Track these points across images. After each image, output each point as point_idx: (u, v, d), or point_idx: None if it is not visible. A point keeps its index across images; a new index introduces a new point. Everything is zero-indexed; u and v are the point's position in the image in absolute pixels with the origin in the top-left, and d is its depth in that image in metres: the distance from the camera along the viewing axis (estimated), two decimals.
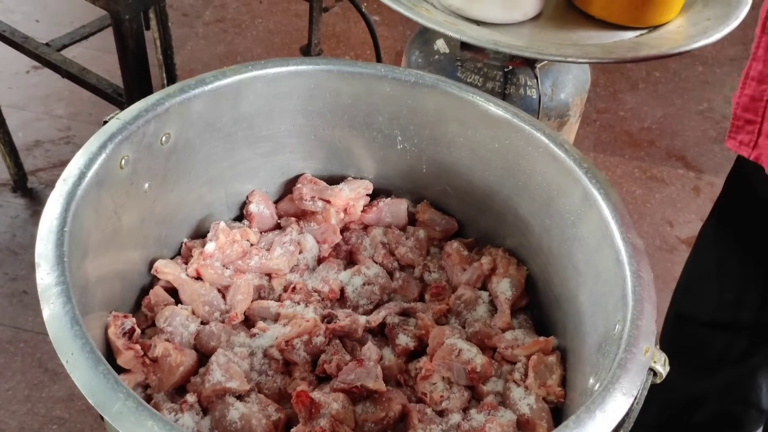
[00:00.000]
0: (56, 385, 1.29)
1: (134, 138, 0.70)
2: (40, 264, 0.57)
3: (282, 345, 0.76)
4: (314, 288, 0.83)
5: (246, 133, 0.83)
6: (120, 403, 0.49)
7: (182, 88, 0.75)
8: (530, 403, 0.73)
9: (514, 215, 0.84)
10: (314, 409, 0.71)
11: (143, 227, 0.77)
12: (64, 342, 0.52)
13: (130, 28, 0.96)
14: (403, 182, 0.92)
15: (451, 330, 0.79)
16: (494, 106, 0.80)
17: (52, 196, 0.62)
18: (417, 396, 0.75)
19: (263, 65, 0.79)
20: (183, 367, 0.73)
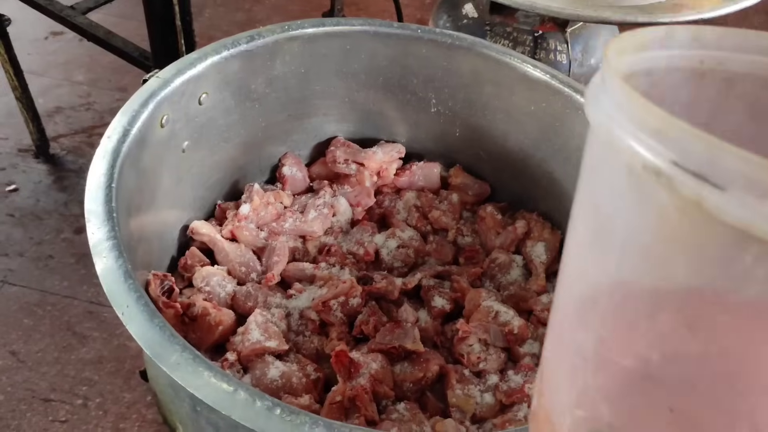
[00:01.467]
0: (85, 348, 1.31)
1: (174, 96, 0.70)
2: (90, 219, 0.57)
3: (319, 306, 0.76)
4: (349, 250, 0.84)
5: (280, 95, 0.83)
6: (177, 354, 0.50)
7: (218, 48, 0.75)
8: None
9: (548, 179, 0.84)
10: (353, 368, 0.72)
11: (179, 187, 0.78)
12: (119, 295, 0.53)
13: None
14: (436, 146, 0.92)
15: (487, 293, 0.79)
16: (532, 67, 0.79)
17: (98, 153, 0.62)
18: (454, 357, 0.76)
19: (299, 25, 0.78)
20: (222, 326, 0.73)
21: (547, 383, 0.34)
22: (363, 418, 0.67)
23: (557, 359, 0.33)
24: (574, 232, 0.32)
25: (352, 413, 0.68)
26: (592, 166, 0.30)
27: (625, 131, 0.25)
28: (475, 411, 0.71)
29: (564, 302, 0.33)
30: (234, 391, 0.49)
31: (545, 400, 0.34)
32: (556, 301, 0.34)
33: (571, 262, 0.32)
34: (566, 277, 0.33)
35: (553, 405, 0.33)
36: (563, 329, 0.32)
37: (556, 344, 0.33)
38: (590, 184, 0.30)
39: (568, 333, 0.31)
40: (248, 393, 0.50)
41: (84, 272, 1.41)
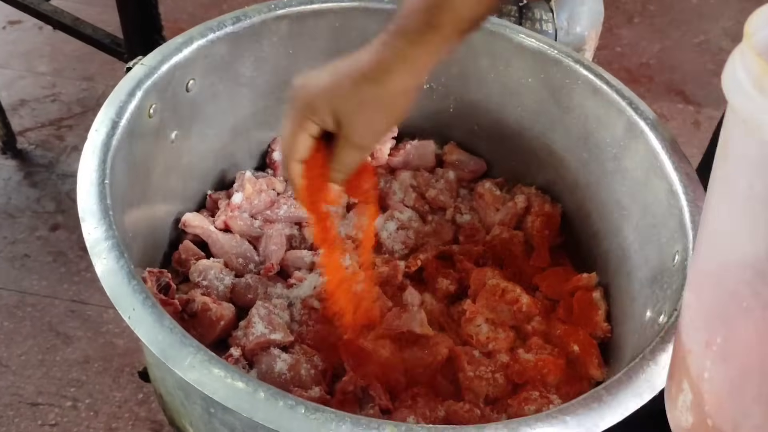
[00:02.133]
0: (69, 348, 1.27)
1: (161, 84, 0.66)
2: (85, 218, 0.54)
3: (322, 294, 0.74)
4: (348, 235, 0.81)
5: (268, 78, 0.80)
6: (191, 357, 0.47)
7: (204, 30, 0.71)
8: (578, 339, 0.72)
9: (547, 152, 0.82)
10: (362, 356, 0.70)
11: (170, 179, 0.74)
12: (124, 298, 0.50)
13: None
14: (429, 123, 0.89)
15: (492, 271, 0.78)
16: (528, 38, 0.77)
17: (87, 148, 0.58)
18: (462, 339, 0.74)
19: (286, 4, 0.75)
20: (224, 320, 0.71)
21: (716, 409, 0.34)
22: (378, 408, 0.65)
23: (733, 390, 0.34)
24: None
25: (365, 403, 0.66)
26: (739, 154, 0.31)
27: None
28: (488, 392, 0.70)
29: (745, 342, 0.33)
30: (254, 392, 0.47)
31: (715, 423, 0.34)
32: (717, 330, 0.34)
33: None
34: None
35: (735, 428, 0.33)
36: (749, 362, 0.33)
37: (735, 374, 0.34)
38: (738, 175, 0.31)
39: (757, 362, 0.32)
40: (269, 392, 0.47)
41: (63, 270, 1.37)
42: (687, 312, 0.39)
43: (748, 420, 0.33)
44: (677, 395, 0.39)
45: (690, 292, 0.39)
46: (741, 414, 0.34)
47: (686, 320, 0.39)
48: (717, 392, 0.35)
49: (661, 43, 1.98)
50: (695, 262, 0.39)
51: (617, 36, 1.99)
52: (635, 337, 0.66)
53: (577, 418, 0.48)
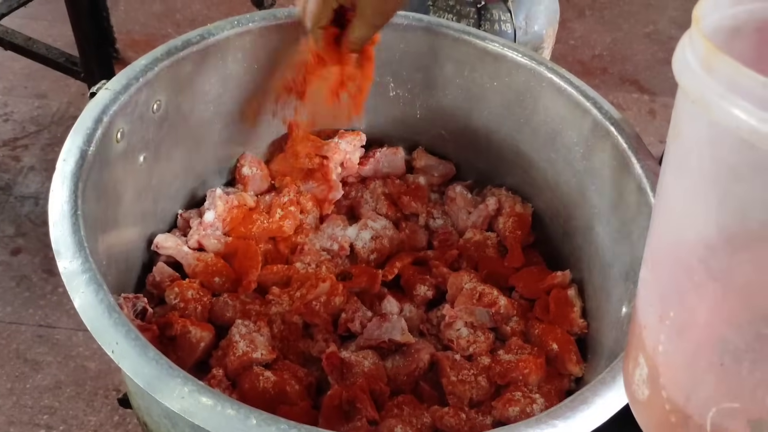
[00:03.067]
0: (39, 375, 1.24)
1: (127, 108, 0.65)
2: (60, 252, 0.53)
3: (301, 308, 0.74)
4: (322, 247, 0.81)
5: (234, 94, 0.79)
6: (179, 387, 0.47)
7: (169, 50, 0.70)
8: (556, 337, 0.74)
9: (515, 153, 0.84)
10: (345, 369, 0.70)
11: (140, 202, 0.73)
12: (106, 332, 0.49)
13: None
14: (396, 130, 0.90)
15: (468, 274, 0.79)
16: (491, 42, 0.78)
17: (56, 179, 0.57)
18: (443, 344, 0.75)
19: (249, 19, 0.74)
20: (204, 342, 0.70)
21: (670, 380, 0.35)
22: (365, 420, 0.65)
23: (686, 360, 0.34)
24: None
25: (351, 415, 0.66)
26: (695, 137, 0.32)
27: (729, 102, 0.28)
28: (472, 395, 0.70)
29: (697, 316, 0.34)
30: (245, 419, 0.47)
31: (668, 394, 0.34)
32: (670, 302, 0.35)
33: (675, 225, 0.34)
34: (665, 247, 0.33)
35: (688, 400, 0.33)
36: (691, 332, 0.34)
37: (681, 346, 0.34)
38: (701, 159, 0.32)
39: (706, 337, 0.33)
40: (261, 418, 0.47)
41: (27, 294, 1.33)
42: (642, 288, 0.40)
43: (700, 390, 0.34)
44: (634, 370, 0.40)
45: (645, 268, 0.40)
46: (693, 384, 0.35)
47: (641, 296, 0.40)
48: (671, 364, 0.36)
49: (612, 35, 2.02)
50: (651, 239, 0.40)
51: (570, 30, 2.02)
52: (613, 333, 0.68)
53: (566, 422, 0.49)
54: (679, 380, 0.35)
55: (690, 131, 0.33)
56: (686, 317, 0.35)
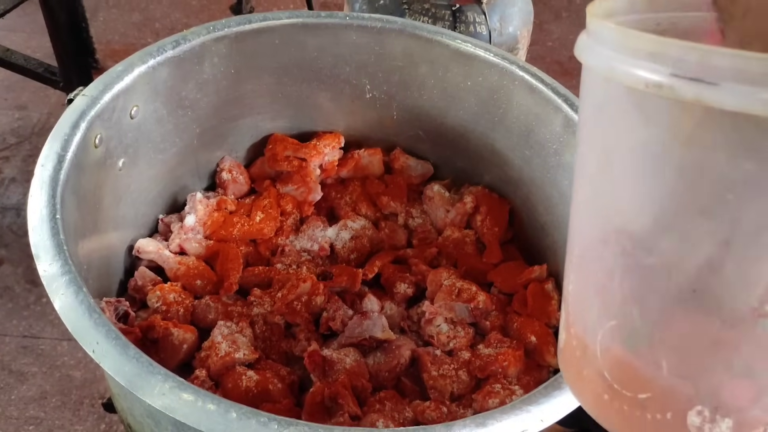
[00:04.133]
0: (24, 386, 1.24)
1: (105, 114, 0.66)
2: (39, 255, 0.53)
3: (283, 309, 0.75)
4: (303, 248, 0.82)
5: (212, 99, 0.80)
6: (160, 384, 0.48)
7: (144, 57, 0.71)
8: (534, 330, 0.75)
9: (490, 151, 0.85)
10: (327, 366, 0.71)
11: (120, 207, 0.74)
12: (86, 332, 0.50)
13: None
14: (374, 131, 0.91)
15: (446, 271, 0.80)
16: (463, 43, 0.80)
17: (34, 184, 0.58)
18: (424, 339, 0.76)
19: (224, 25, 0.75)
20: (187, 343, 0.71)
21: (574, 314, 0.37)
22: (347, 415, 0.66)
23: (582, 289, 0.36)
24: (585, 170, 0.37)
25: (334, 411, 0.67)
26: (597, 105, 0.35)
27: (626, 63, 0.30)
28: (452, 389, 0.72)
29: (584, 236, 0.37)
30: (225, 413, 0.48)
31: (574, 329, 0.36)
32: (575, 240, 0.38)
33: (586, 200, 0.36)
34: (583, 214, 0.37)
35: (585, 329, 0.35)
36: (585, 260, 0.36)
37: (579, 275, 0.37)
38: (597, 123, 0.35)
39: (591, 260, 0.35)
40: (241, 412, 0.48)
41: (11, 306, 1.33)
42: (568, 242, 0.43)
43: (590, 315, 0.36)
44: (560, 321, 0.42)
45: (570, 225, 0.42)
46: (586, 311, 0.37)
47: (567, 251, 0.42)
48: (575, 300, 0.38)
49: None
50: (574, 199, 0.42)
51: (547, 31, 2.05)
52: None
53: (540, 407, 0.50)
54: (579, 312, 0.38)
55: (589, 102, 0.37)
56: (583, 250, 0.38)
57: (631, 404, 0.34)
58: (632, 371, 0.34)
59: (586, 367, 0.36)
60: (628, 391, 0.34)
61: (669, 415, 0.32)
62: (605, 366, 0.35)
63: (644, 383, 0.33)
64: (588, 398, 0.37)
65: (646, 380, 0.33)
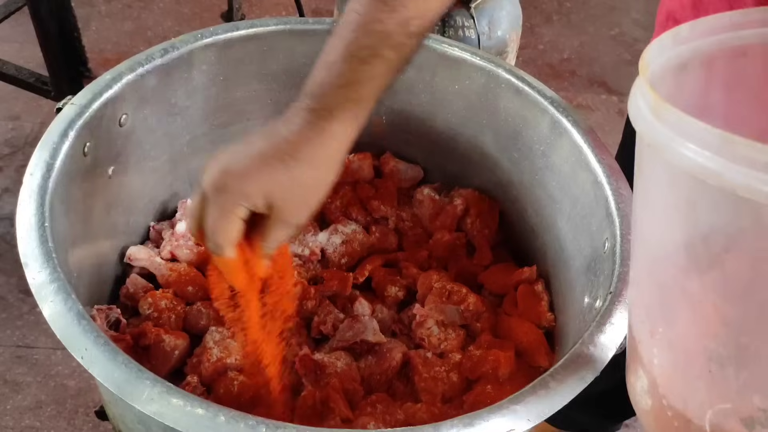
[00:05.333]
0: (20, 395, 1.24)
1: (93, 122, 0.66)
2: (28, 263, 0.54)
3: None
4: (294, 253, 0.82)
5: (201, 106, 0.81)
6: (148, 389, 0.48)
7: (132, 65, 0.71)
8: (525, 331, 0.75)
9: (479, 154, 0.86)
10: (319, 370, 0.72)
11: (111, 215, 0.74)
12: (75, 339, 0.50)
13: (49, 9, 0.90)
14: (364, 136, 0.89)
15: (437, 274, 0.80)
16: (450, 47, 0.80)
17: (23, 193, 0.58)
18: (415, 342, 0.77)
19: (213, 32, 0.76)
20: (178, 350, 0.71)
21: (667, 389, 0.38)
22: (338, 419, 0.67)
23: (678, 370, 0.38)
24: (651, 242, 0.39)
25: (325, 415, 0.68)
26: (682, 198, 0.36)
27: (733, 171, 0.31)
28: (444, 391, 0.72)
29: (682, 331, 0.38)
30: (214, 417, 0.48)
31: (668, 401, 0.38)
32: (657, 320, 0.39)
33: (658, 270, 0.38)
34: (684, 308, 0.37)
35: (686, 405, 0.37)
36: (678, 346, 0.38)
37: (672, 357, 0.38)
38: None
39: (691, 351, 0.36)
40: (229, 416, 0.48)
41: (4, 315, 1.33)
42: (632, 306, 0.44)
43: (694, 396, 0.37)
44: (635, 382, 0.43)
45: (632, 287, 0.44)
46: (688, 391, 0.38)
47: (633, 313, 0.43)
48: (666, 375, 0.39)
49: (579, 39, 2.06)
50: (633, 261, 0.43)
51: (538, 35, 2.06)
52: (577, 323, 0.69)
53: (527, 407, 0.51)
54: (675, 388, 0.38)
55: (649, 170, 0.37)
56: (671, 332, 0.38)
57: None
58: None
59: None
60: None
61: None
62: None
63: None
64: None
65: None
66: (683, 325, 0.38)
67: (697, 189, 0.33)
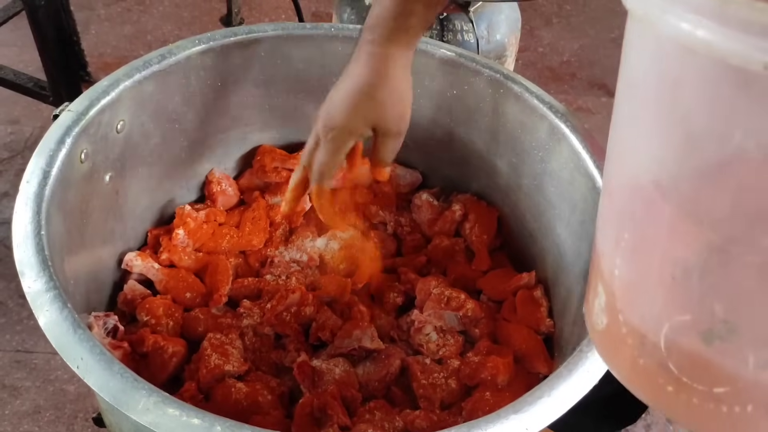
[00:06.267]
0: (18, 400, 1.23)
1: (90, 129, 0.66)
2: (23, 272, 0.53)
3: (272, 320, 0.75)
4: (292, 259, 0.82)
5: (199, 111, 0.80)
6: (144, 399, 0.48)
7: (129, 71, 0.71)
8: (523, 337, 0.75)
9: (478, 159, 0.85)
10: (317, 377, 0.71)
11: (108, 221, 0.74)
12: (71, 348, 0.50)
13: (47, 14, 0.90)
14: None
15: (435, 280, 0.80)
16: (448, 52, 0.80)
17: (19, 200, 0.58)
18: (414, 348, 0.76)
19: (210, 38, 0.76)
20: (176, 356, 0.71)
21: (625, 302, 0.36)
22: (336, 426, 0.66)
23: (640, 279, 0.35)
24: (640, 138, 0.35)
25: (323, 422, 0.67)
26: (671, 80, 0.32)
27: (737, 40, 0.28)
28: (442, 398, 0.72)
29: (642, 226, 0.35)
30: (210, 427, 0.48)
31: (625, 317, 0.35)
32: (625, 225, 0.37)
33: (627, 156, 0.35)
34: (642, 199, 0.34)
35: (643, 319, 0.34)
36: (643, 250, 0.35)
37: (635, 265, 0.36)
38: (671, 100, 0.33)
39: (655, 252, 0.34)
40: (225, 425, 0.48)
41: (4, 320, 1.33)
42: (600, 218, 0.42)
43: (652, 307, 0.35)
44: (594, 300, 0.41)
45: (603, 197, 0.42)
46: (646, 302, 0.35)
47: (599, 227, 0.41)
48: (626, 287, 0.37)
49: (580, 41, 2.06)
50: (607, 167, 0.41)
51: (538, 38, 2.05)
52: (576, 330, 0.69)
53: (527, 415, 0.51)
54: (633, 300, 0.36)
55: (636, 52, 0.35)
56: (639, 237, 0.37)
57: (704, 397, 0.32)
58: (708, 366, 0.32)
59: (643, 357, 0.35)
60: (700, 385, 0.32)
61: (750, 408, 0.31)
62: (672, 359, 0.34)
63: (723, 378, 0.32)
64: (644, 388, 0.36)
65: (726, 375, 0.32)
66: (652, 230, 0.35)
67: (687, 64, 0.30)
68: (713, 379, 0.32)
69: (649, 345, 0.35)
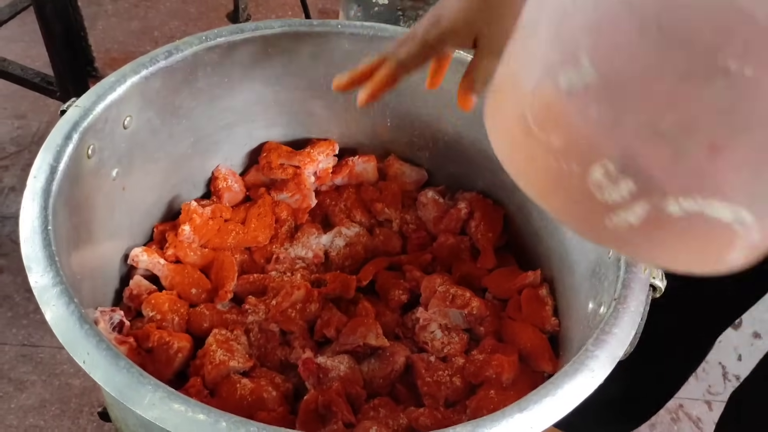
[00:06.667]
0: (24, 394, 1.24)
1: (97, 125, 0.66)
2: (30, 267, 0.54)
3: (277, 316, 0.75)
4: (297, 255, 0.82)
5: (205, 107, 0.80)
6: (150, 394, 0.48)
7: (136, 67, 0.71)
8: (528, 335, 0.75)
9: (484, 157, 0.85)
10: (322, 374, 0.72)
11: (115, 216, 0.74)
12: (77, 343, 0.50)
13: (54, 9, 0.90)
14: (368, 138, 0.91)
15: (440, 277, 0.80)
16: None
17: (27, 196, 0.58)
18: (418, 346, 0.76)
19: (217, 34, 0.76)
20: (182, 352, 0.71)
21: (516, 46, 0.33)
22: (341, 423, 0.66)
23: (536, 13, 0.32)
24: None
25: (328, 419, 0.68)
26: None
27: None
28: (447, 395, 0.72)
29: None
30: (215, 423, 0.48)
31: (512, 65, 0.33)
32: None
33: None
34: None
35: (525, 62, 0.32)
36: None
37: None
38: None
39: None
40: (231, 421, 0.48)
41: (10, 315, 1.34)
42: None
43: (537, 44, 0.31)
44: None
45: None
46: (533, 41, 0.32)
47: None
48: (521, 31, 0.34)
49: None
50: None
51: None
52: (581, 329, 0.69)
53: (531, 413, 0.51)
54: (524, 40, 0.33)
55: None
56: None
57: (543, 150, 0.30)
58: (557, 115, 0.30)
59: (509, 102, 0.33)
60: (543, 136, 0.30)
61: (574, 166, 0.29)
62: (532, 104, 0.31)
63: (564, 129, 0.29)
64: (502, 138, 0.34)
65: (568, 126, 0.29)
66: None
67: None
68: (557, 130, 0.28)
69: (519, 90, 0.32)
